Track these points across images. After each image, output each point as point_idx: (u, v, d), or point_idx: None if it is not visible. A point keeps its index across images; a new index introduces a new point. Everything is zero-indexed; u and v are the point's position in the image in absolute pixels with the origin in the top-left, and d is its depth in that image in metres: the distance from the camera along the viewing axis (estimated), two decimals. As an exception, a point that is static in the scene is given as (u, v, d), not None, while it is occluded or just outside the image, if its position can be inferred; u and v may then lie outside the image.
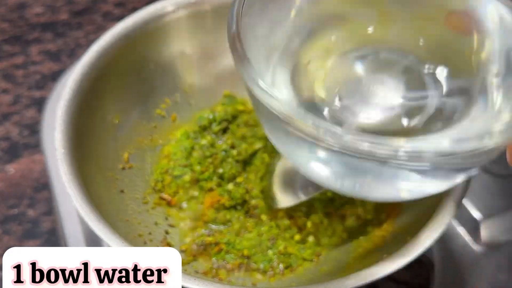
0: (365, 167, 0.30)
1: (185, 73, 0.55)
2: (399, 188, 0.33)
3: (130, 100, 0.52)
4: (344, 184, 0.34)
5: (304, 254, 0.47)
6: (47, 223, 0.64)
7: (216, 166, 0.51)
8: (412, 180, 0.31)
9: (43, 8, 0.86)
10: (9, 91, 0.76)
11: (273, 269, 0.46)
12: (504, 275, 0.53)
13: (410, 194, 0.34)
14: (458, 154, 0.26)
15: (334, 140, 0.27)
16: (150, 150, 0.53)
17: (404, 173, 0.30)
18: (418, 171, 0.30)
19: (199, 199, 0.51)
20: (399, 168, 0.30)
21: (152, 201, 0.50)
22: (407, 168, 0.29)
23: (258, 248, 0.47)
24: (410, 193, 0.34)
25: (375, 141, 0.26)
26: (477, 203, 0.56)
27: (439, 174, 0.30)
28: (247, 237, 0.48)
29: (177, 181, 0.51)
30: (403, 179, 0.31)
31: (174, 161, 0.52)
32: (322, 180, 0.35)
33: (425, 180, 0.31)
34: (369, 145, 0.26)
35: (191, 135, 0.54)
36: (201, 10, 0.53)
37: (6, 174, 0.68)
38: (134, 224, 0.47)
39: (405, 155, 0.26)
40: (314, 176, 0.36)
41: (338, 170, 0.33)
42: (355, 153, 0.27)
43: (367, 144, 0.26)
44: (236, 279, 0.46)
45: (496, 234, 0.55)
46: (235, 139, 0.52)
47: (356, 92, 0.34)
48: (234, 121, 0.54)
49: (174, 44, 0.53)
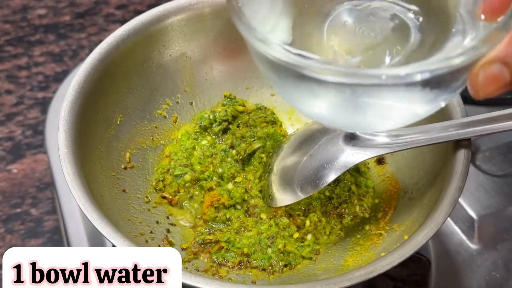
0: (362, 95, 0.33)
1: (186, 74, 0.55)
2: (394, 114, 0.36)
3: (132, 101, 0.52)
4: (345, 116, 0.37)
5: (303, 252, 0.48)
6: (49, 222, 0.65)
7: (216, 166, 0.52)
8: (404, 102, 0.34)
9: (46, 10, 0.86)
10: (12, 92, 0.76)
11: (272, 267, 0.47)
12: (500, 273, 0.53)
13: (402, 118, 0.36)
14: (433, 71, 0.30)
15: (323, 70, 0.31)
16: (152, 150, 0.53)
17: (395, 94, 0.33)
18: (408, 91, 0.32)
19: (199, 199, 0.51)
20: (390, 91, 0.32)
21: (153, 200, 0.51)
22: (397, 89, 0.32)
23: (257, 246, 0.48)
24: (402, 117, 0.36)
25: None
26: (473, 202, 0.57)
27: (426, 96, 0.33)
28: (247, 235, 0.48)
29: (177, 181, 0.51)
30: (394, 103, 0.34)
31: (175, 161, 0.52)
32: (323, 118, 0.39)
33: (414, 101, 0.34)
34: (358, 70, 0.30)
35: (191, 135, 0.54)
36: (201, 13, 0.53)
37: (9, 174, 0.68)
38: (135, 223, 0.48)
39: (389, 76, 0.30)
40: (312, 114, 0.39)
41: (335, 103, 0.35)
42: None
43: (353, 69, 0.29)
44: (236, 277, 0.46)
45: (491, 232, 0.56)
46: (235, 139, 0.52)
47: (351, 38, 0.37)
48: (234, 121, 0.55)
49: (175, 46, 0.54)
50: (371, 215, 0.50)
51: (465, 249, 0.55)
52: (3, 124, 0.73)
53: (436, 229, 0.40)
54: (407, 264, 0.47)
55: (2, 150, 0.71)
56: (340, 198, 0.50)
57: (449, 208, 0.41)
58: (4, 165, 0.69)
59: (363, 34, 0.36)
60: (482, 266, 0.54)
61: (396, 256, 0.39)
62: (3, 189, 0.67)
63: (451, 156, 0.43)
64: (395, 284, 0.48)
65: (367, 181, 0.51)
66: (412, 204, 0.47)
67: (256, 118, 0.54)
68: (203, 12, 0.53)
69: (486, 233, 0.56)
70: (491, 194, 0.58)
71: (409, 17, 0.36)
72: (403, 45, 0.35)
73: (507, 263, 0.54)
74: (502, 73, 0.31)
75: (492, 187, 0.58)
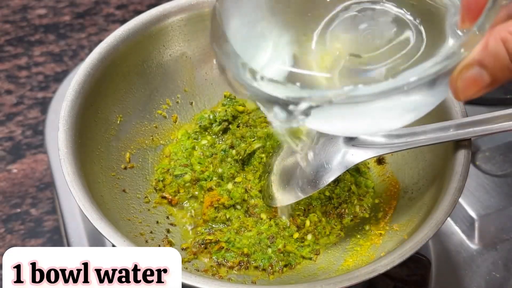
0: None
1: (186, 74, 0.55)
2: (388, 116, 0.36)
3: (132, 101, 0.52)
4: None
5: (303, 252, 0.48)
6: (49, 222, 0.65)
7: (216, 166, 0.52)
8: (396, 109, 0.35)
9: (46, 10, 0.86)
10: (12, 92, 0.76)
11: (272, 267, 0.47)
12: (500, 273, 0.53)
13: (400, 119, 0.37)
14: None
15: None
16: (152, 150, 0.53)
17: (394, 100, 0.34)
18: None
19: (199, 199, 0.51)
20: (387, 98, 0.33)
21: (153, 201, 0.51)
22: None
23: (257, 246, 0.48)
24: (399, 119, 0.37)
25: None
26: (473, 202, 0.57)
27: (416, 95, 0.34)
28: (247, 235, 0.48)
29: (177, 181, 0.51)
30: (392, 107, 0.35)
31: (174, 161, 0.52)
32: (320, 129, 0.40)
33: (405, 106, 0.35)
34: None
35: (191, 135, 0.54)
36: (201, 13, 0.53)
37: (9, 174, 0.68)
38: (135, 223, 0.48)
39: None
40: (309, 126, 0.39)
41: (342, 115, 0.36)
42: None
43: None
44: (236, 277, 0.46)
45: (491, 232, 0.56)
46: (235, 139, 0.52)
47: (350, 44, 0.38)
48: (234, 121, 0.55)
49: (175, 46, 0.54)
50: (371, 215, 0.50)
51: (465, 249, 0.55)
52: (3, 124, 0.73)
53: (436, 229, 0.40)
54: (407, 264, 0.47)
55: (2, 150, 0.71)
56: (340, 198, 0.50)
57: (449, 208, 0.41)
58: (4, 165, 0.69)
59: (366, 37, 0.37)
60: (482, 266, 0.54)
61: (396, 256, 0.39)
62: (3, 189, 0.67)
63: (451, 156, 0.43)
64: (395, 284, 0.48)
65: (367, 181, 0.51)
66: (412, 204, 0.47)
67: (256, 118, 0.54)
68: (203, 12, 0.53)
69: (486, 233, 0.56)
70: (491, 194, 0.58)
71: (408, 21, 0.37)
72: (400, 49, 0.36)
73: (507, 263, 0.54)
74: (481, 76, 0.32)
75: (492, 187, 0.58)
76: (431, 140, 0.43)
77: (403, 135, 0.44)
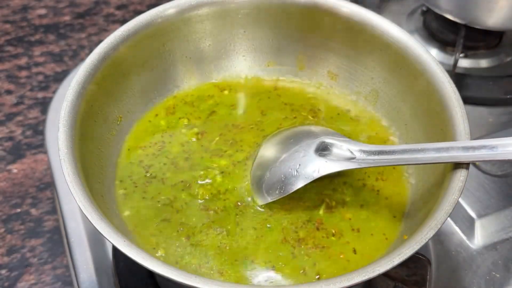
0: None
1: (186, 74, 0.55)
2: None
3: (132, 101, 0.52)
4: None
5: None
6: (49, 222, 0.65)
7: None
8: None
9: (46, 10, 0.87)
10: (13, 92, 0.77)
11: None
12: (500, 273, 0.53)
13: None
14: None
15: None
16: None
17: None
18: None
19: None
20: None
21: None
22: None
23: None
24: None
25: None
26: (473, 202, 0.57)
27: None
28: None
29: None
30: None
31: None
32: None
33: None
34: None
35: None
36: (200, 13, 0.53)
37: (9, 174, 0.68)
38: (135, 222, 0.47)
39: None
40: None
41: None
42: None
43: None
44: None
45: (491, 232, 0.56)
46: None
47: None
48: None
49: (175, 46, 0.54)
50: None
51: (465, 249, 0.55)
52: (3, 124, 0.73)
53: (436, 229, 0.39)
54: (407, 264, 0.47)
55: (2, 150, 0.71)
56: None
57: (449, 208, 0.41)
58: (4, 165, 0.69)
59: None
60: (482, 266, 0.54)
61: (396, 256, 0.39)
62: (3, 189, 0.67)
63: (451, 156, 0.43)
64: (395, 284, 0.48)
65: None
66: (412, 204, 0.47)
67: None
68: (203, 12, 0.53)
69: (486, 233, 0.56)
70: (491, 194, 0.58)
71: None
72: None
73: (507, 263, 0.54)
74: None
75: (492, 187, 0.58)
76: (424, 159, 0.42)
77: (384, 153, 0.44)
